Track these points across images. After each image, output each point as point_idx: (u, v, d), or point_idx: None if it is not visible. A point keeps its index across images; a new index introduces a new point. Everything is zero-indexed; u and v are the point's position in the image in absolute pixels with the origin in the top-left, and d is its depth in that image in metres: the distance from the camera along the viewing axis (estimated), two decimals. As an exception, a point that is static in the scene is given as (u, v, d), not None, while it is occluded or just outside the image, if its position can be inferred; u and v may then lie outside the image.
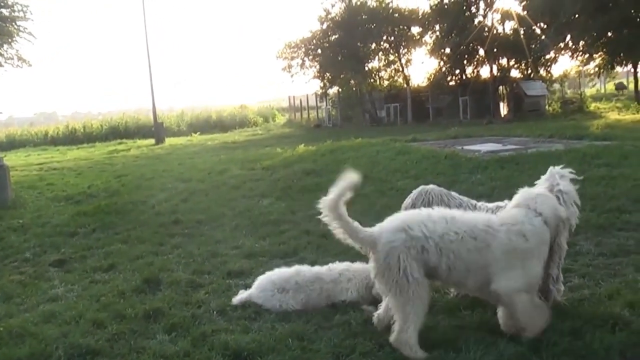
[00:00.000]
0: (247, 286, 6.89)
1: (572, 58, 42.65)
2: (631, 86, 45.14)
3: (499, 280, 5.05)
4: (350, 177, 5.16)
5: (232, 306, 6.38)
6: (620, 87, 55.78)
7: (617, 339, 5.04)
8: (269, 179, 14.85)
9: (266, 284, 6.47)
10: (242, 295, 6.54)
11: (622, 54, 38.68)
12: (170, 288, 7.18)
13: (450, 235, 5.06)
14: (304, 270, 6.62)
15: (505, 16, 42.40)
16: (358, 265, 6.58)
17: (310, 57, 46.87)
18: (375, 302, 5.89)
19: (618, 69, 45.05)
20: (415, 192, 6.65)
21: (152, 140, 38.14)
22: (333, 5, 46.00)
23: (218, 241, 9.47)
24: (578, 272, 6.85)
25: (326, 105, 49.55)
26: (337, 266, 6.70)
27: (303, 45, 46.89)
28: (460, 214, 5.42)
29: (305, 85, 51.31)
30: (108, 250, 9.34)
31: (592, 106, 40.50)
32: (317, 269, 6.67)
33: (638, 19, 37.43)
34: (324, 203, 5.21)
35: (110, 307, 6.59)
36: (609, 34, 37.61)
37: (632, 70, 42.16)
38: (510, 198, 7.55)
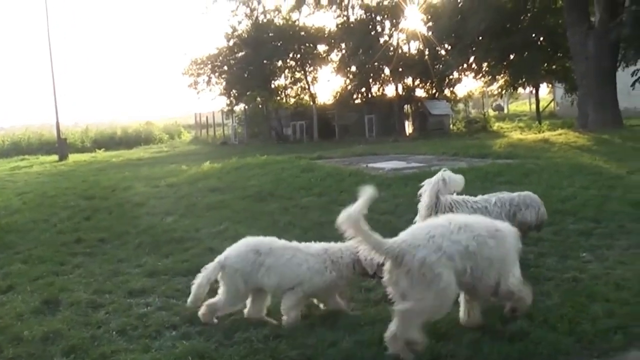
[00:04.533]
0: (148, 305, 6.85)
1: (476, 79, 43.74)
2: (532, 107, 46.43)
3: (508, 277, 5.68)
4: (368, 192, 5.47)
5: (133, 325, 6.33)
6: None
7: (515, 349, 5.26)
8: (173, 196, 14.71)
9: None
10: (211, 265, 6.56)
11: (523, 76, 39.80)
12: (70, 309, 7.05)
13: (471, 242, 5.50)
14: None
15: (411, 36, 43.22)
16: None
17: (217, 74, 46.68)
18: None
19: (520, 90, 46.34)
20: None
21: (56, 157, 37.23)
22: (240, 22, 46.10)
23: (120, 260, 9.34)
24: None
25: (232, 122, 49.39)
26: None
27: (209, 62, 46.67)
28: (473, 219, 5.94)
29: (211, 102, 51.09)
30: (7, 270, 9.06)
31: (496, 126, 41.55)
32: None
33: (539, 42, 38.65)
34: (345, 218, 5.44)
35: (7, 330, 6.44)
36: (511, 56, 38.65)
37: (534, 91, 43.50)
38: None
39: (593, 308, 6.00)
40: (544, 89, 48.63)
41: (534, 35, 38.19)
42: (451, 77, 43.20)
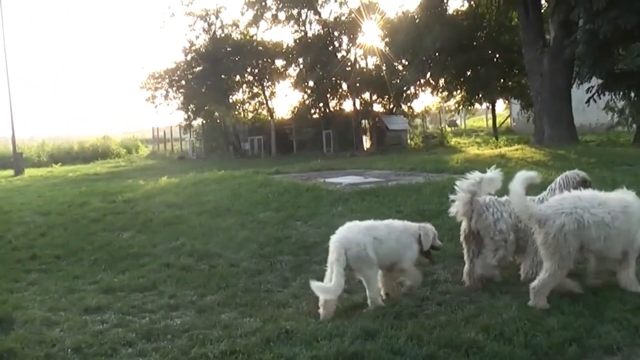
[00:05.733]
0: (104, 322, 6.81)
1: (433, 94, 44.17)
2: (489, 123, 46.90)
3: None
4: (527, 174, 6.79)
5: (88, 343, 6.25)
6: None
7: (471, 362, 5.31)
8: (130, 211, 14.59)
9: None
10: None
11: (480, 92, 40.27)
12: (24, 327, 6.94)
13: (606, 216, 6.66)
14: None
15: (368, 52, 43.54)
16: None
17: (174, 88, 46.39)
18: None
19: (477, 106, 46.88)
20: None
21: (11, 171, 36.74)
22: (197, 37, 45.96)
23: (76, 276, 9.23)
24: (435, 300, 7.12)
25: (190, 137, 49.22)
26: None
27: (167, 76, 46.38)
28: (605, 196, 6.97)
29: (169, 116, 50.75)
30: (-40, 289, 8.94)
31: (453, 141, 41.92)
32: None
33: (495, 59, 39.23)
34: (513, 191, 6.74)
35: (-41, 350, 6.33)
36: (468, 72, 39.14)
37: (490, 107, 44.02)
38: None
39: (548, 321, 6.07)
40: (501, 105, 49.23)
41: (490, 52, 38.89)
42: (408, 92, 43.57)
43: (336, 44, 44.19)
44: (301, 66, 44.99)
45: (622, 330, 5.82)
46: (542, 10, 32.11)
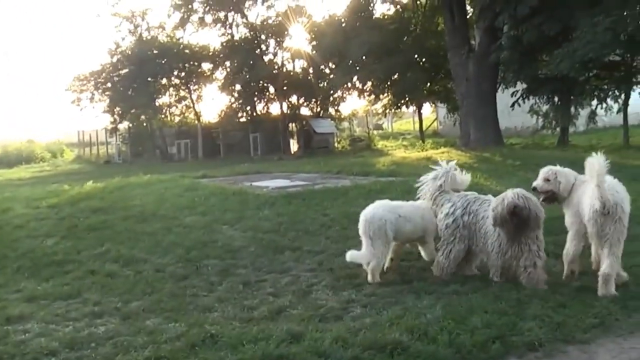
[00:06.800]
0: (27, 331, 6.71)
1: (360, 98, 44.50)
2: (416, 126, 47.40)
3: None
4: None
5: (10, 354, 6.13)
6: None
7: (395, 363, 5.41)
8: (54, 217, 14.30)
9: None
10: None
11: (406, 96, 40.70)
12: (-58, 339, 6.79)
13: None
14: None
15: (295, 55, 43.63)
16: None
17: (100, 90, 45.82)
18: None
19: (404, 109, 47.39)
20: None
21: None
22: (123, 39, 45.58)
23: (-2, 285, 9.07)
24: (360, 302, 7.22)
25: (116, 140, 48.65)
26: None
27: (92, 78, 45.80)
28: None
29: (95, 119, 49.92)
30: None
31: (380, 144, 42.25)
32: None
33: (421, 63, 39.69)
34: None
35: None
36: (394, 76, 39.53)
37: (416, 110, 44.54)
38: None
39: (472, 320, 6.19)
40: (428, 108, 49.84)
41: (416, 56, 39.33)
42: (336, 95, 43.80)
43: (263, 47, 44.21)
44: (228, 69, 44.85)
45: (544, 327, 6.01)
46: (468, 16, 32.66)
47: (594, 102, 29.52)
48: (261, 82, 43.11)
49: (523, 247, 7.49)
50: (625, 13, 22.67)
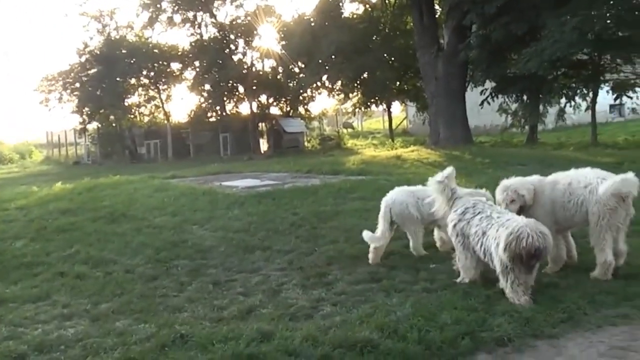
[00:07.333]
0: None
1: (329, 97, 44.54)
2: (386, 125, 47.51)
3: None
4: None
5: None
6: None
7: (365, 360, 5.43)
8: (23, 219, 14.17)
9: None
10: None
11: (376, 95, 40.81)
12: None
13: None
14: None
15: (265, 55, 43.56)
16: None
17: (69, 90, 45.49)
18: None
19: (374, 108, 47.48)
20: None
21: None
22: (91, 38, 45.31)
23: (-34, 288, 8.96)
24: (330, 301, 7.25)
25: (85, 141, 48.32)
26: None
27: (61, 78, 45.46)
28: None
29: (63, 120, 49.38)
30: None
31: (350, 143, 42.35)
32: None
33: (390, 62, 39.78)
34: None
35: None
36: (364, 75, 39.64)
37: (386, 109, 44.66)
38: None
39: (442, 316, 6.23)
40: (397, 107, 50.00)
41: (385, 55, 39.38)
42: (305, 95, 43.77)
43: (232, 47, 44.10)
44: (197, 69, 44.70)
45: (513, 322, 6.06)
46: (437, 15, 32.86)
47: (563, 100, 29.80)
48: (230, 81, 43.02)
49: None
50: (592, 13, 22.90)
